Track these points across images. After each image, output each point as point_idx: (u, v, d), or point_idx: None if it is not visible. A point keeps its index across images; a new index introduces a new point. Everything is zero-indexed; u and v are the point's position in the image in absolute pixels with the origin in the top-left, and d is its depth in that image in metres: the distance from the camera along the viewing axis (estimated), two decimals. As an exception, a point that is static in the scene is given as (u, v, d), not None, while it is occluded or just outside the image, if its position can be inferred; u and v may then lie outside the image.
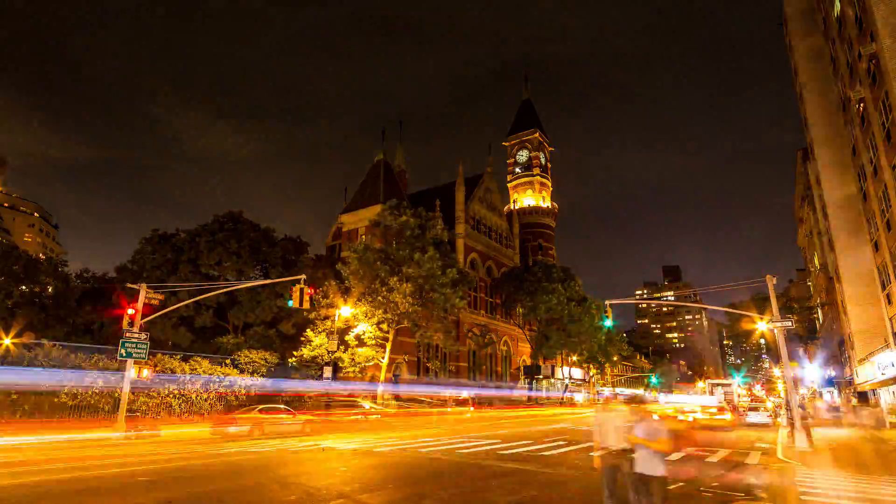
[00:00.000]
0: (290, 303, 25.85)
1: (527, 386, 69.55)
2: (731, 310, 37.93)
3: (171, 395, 28.64)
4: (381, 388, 40.51)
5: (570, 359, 72.86)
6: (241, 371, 35.11)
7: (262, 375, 36.59)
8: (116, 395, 24.80)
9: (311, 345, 39.13)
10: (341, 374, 42.18)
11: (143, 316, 24.02)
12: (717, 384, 74.72)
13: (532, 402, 64.59)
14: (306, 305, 25.69)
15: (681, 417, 34.59)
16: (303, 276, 26.53)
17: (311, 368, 40.46)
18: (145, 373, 27.78)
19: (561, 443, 22.33)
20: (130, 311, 23.64)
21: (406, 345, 49.28)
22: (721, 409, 36.68)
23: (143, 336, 23.30)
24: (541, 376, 71.66)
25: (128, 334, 22.80)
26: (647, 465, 7.02)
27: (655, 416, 7.87)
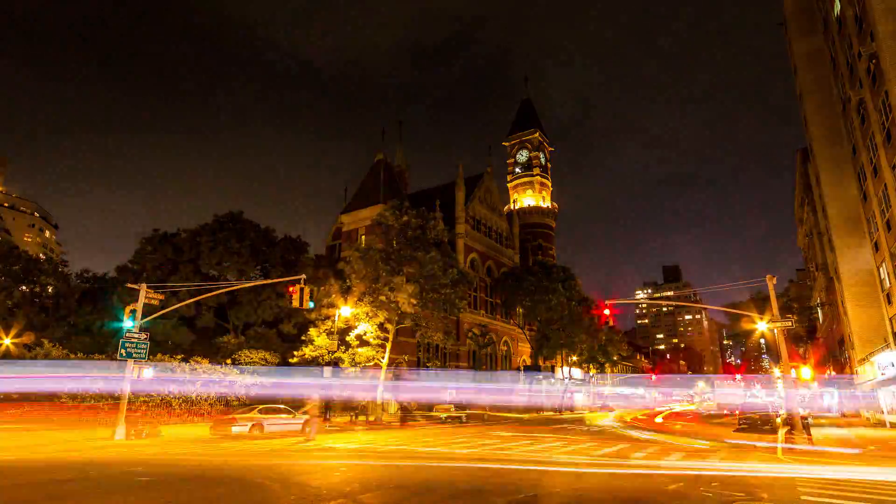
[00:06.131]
0: (291, 303, 25.85)
1: (527, 387, 69.52)
2: (731, 310, 38.01)
3: (172, 395, 28.65)
4: (380, 389, 40.52)
5: (570, 359, 72.83)
6: (242, 371, 35.12)
7: (263, 375, 36.58)
8: (116, 395, 24.81)
9: (311, 345, 39.14)
10: (341, 374, 42.17)
11: (144, 316, 24.02)
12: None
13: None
14: (307, 305, 25.70)
15: None
16: (303, 276, 26.54)
17: (312, 368, 40.50)
18: (146, 373, 27.81)
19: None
20: (131, 311, 23.64)
21: (406, 345, 49.28)
22: None
23: (144, 336, 23.29)
24: (541, 376, 71.64)
25: (128, 334, 22.80)
26: None
27: None
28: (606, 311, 28.93)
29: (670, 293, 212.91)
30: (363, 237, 56.62)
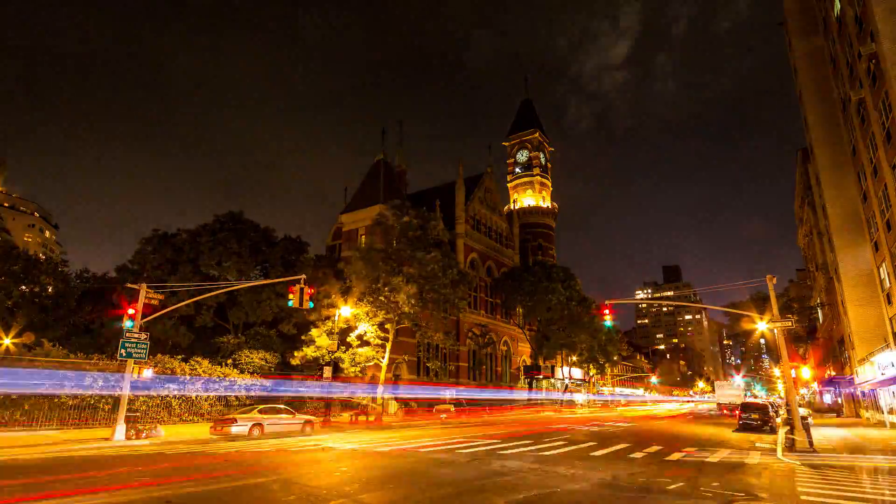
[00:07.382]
0: (291, 303, 25.81)
1: (527, 386, 69.51)
2: (731, 310, 38.01)
3: (172, 396, 28.62)
4: (380, 389, 40.50)
5: (570, 359, 72.84)
6: (242, 371, 35.12)
7: (263, 375, 36.58)
8: (116, 394, 24.78)
9: (311, 345, 39.12)
10: (342, 374, 42.20)
11: (144, 316, 23.98)
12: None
13: (532, 403, 64.54)
14: (306, 305, 25.66)
15: None
16: (303, 276, 26.50)
17: (312, 368, 40.46)
18: (146, 373, 27.75)
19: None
20: (130, 311, 23.61)
21: (406, 345, 49.27)
22: None
23: (144, 336, 23.25)
24: (541, 376, 71.64)
25: (128, 334, 22.76)
26: None
27: None
28: (607, 313, 28.89)
29: (670, 293, 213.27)
30: (363, 237, 56.63)
